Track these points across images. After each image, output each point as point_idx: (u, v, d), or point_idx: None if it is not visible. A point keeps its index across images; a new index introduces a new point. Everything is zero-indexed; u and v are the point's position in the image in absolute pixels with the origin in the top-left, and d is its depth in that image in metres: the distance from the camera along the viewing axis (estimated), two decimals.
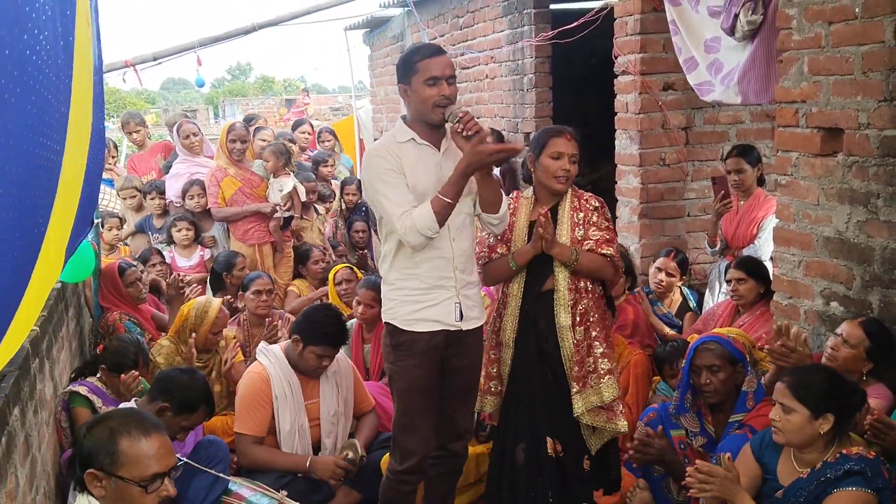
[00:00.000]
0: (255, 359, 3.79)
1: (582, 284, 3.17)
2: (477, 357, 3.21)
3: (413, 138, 3.00)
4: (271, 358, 3.73)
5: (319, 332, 3.63)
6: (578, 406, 3.15)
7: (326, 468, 3.56)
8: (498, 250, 3.25)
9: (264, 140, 6.73)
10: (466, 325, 3.06)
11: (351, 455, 3.58)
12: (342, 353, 3.87)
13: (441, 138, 3.03)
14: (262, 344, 3.94)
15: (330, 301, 5.25)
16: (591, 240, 3.17)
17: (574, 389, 3.16)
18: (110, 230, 5.62)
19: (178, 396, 3.17)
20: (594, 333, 3.18)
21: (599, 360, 3.17)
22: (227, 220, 5.67)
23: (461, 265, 3.04)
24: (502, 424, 3.32)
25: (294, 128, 8.56)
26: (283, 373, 3.69)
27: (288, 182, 5.74)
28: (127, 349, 3.68)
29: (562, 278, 3.17)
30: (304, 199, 5.93)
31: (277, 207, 5.61)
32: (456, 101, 2.97)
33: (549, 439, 3.20)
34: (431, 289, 3.01)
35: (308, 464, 3.59)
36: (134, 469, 2.06)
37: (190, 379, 3.29)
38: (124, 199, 6.24)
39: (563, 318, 3.17)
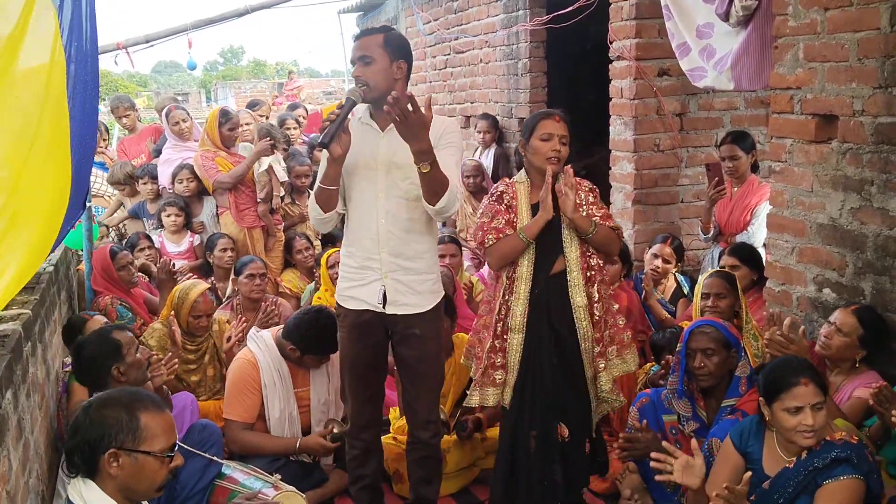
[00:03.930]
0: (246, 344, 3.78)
1: (594, 262, 3.16)
2: (428, 350, 3.11)
3: (360, 117, 3.03)
4: (261, 345, 3.71)
5: (316, 344, 3.63)
6: (605, 382, 3.15)
7: (317, 445, 3.60)
8: (507, 231, 3.15)
9: (249, 123, 6.68)
10: (393, 310, 3.01)
11: (337, 430, 3.60)
12: None
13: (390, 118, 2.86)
14: (254, 329, 3.92)
15: (322, 285, 5.24)
16: (595, 216, 3.15)
17: (601, 366, 3.15)
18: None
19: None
20: (615, 308, 3.26)
21: (623, 331, 3.24)
22: (236, 182, 5.51)
23: (391, 248, 2.98)
24: (514, 411, 3.22)
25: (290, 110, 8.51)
26: (273, 361, 3.68)
27: (265, 161, 5.67)
28: (72, 325, 3.77)
29: (573, 259, 3.13)
30: (283, 178, 5.86)
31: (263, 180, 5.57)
32: (372, 83, 2.87)
33: (560, 425, 3.18)
34: (361, 268, 3.04)
35: (298, 445, 3.61)
36: (156, 442, 2.10)
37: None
38: (117, 191, 6.27)
39: (579, 298, 3.13)
